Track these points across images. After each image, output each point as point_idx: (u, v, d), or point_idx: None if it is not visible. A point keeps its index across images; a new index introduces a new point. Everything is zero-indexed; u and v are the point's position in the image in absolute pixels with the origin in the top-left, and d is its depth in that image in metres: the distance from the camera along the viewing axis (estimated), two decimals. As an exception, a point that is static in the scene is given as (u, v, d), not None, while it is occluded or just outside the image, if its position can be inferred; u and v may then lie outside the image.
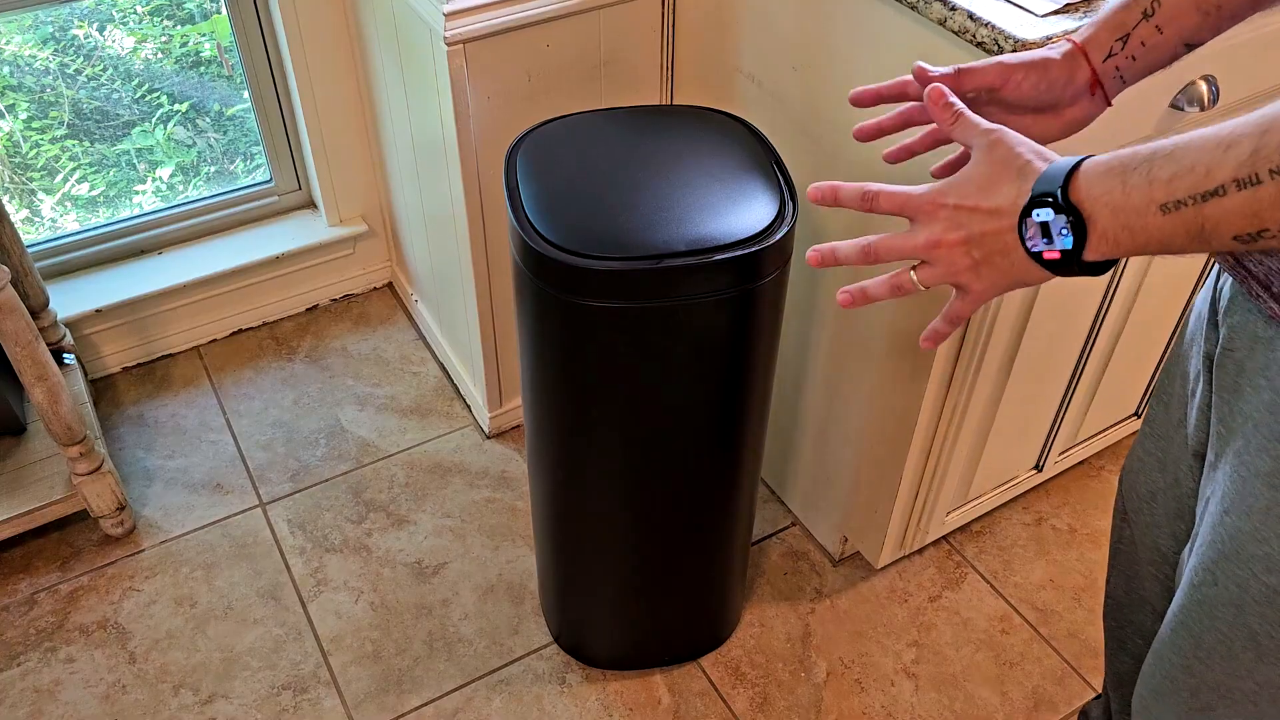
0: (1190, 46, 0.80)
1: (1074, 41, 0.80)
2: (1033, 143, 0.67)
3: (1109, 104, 0.83)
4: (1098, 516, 1.70)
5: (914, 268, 0.71)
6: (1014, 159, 0.65)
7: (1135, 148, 0.59)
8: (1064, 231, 0.61)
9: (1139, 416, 1.68)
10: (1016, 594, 1.59)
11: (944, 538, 1.66)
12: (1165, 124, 1.16)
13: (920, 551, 1.64)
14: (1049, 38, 0.96)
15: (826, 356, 1.42)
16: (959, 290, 0.71)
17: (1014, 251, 0.65)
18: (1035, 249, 0.64)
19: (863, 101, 0.85)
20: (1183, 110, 1.15)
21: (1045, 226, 0.62)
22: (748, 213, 1.03)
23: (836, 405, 1.45)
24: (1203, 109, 1.14)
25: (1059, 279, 0.66)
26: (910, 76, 0.82)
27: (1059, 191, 0.61)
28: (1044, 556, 1.64)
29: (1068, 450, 1.61)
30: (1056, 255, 0.63)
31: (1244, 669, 0.81)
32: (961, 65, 0.80)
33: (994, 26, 0.97)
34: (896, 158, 0.88)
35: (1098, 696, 1.33)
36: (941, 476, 1.41)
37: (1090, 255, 0.62)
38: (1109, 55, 0.80)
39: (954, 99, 0.71)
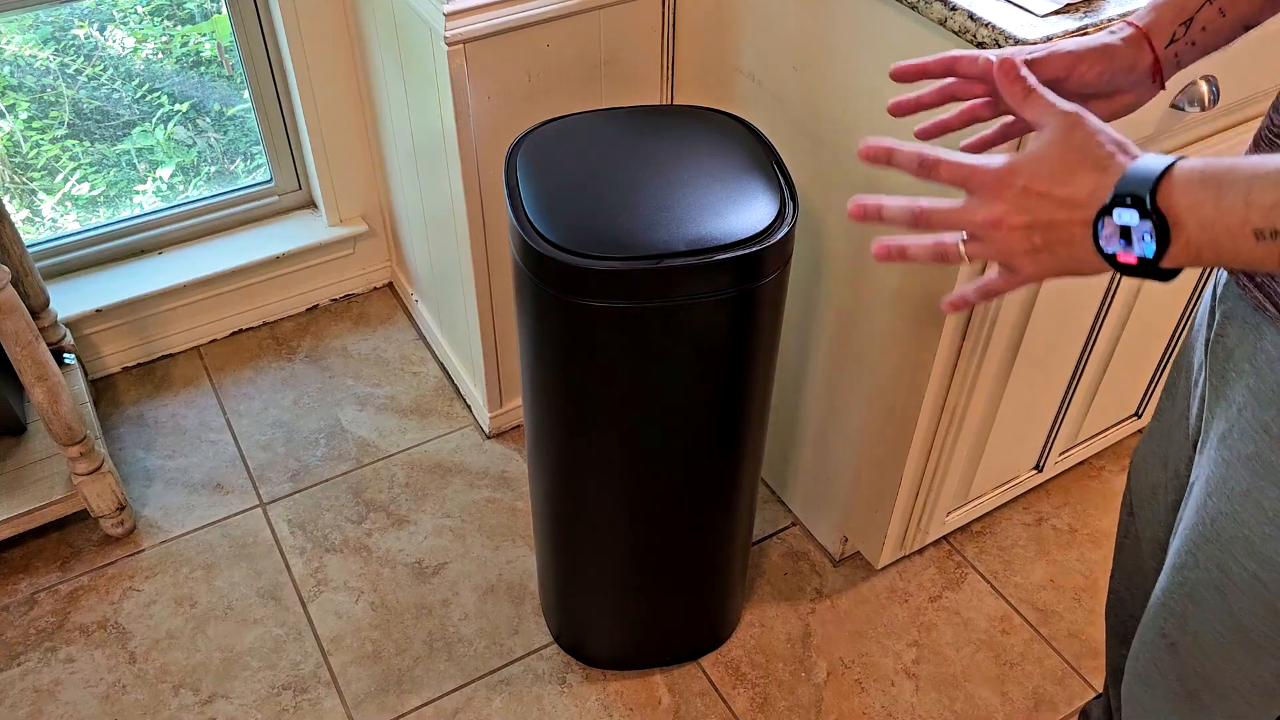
0: (1249, 28, 0.77)
1: (1136, 25, 0.77)
2: (1112, 131, 0.62)
3: (1163, 88, 0.79)
4: (1098, 517, 1.70)
5: (964, 239, 0.66)
6: (1094, 147, 0.61)
7: (1233, 161, 0.56)
8: (1147, 237, 0.57)
9: (1139, 417, 1.68)
10: (1017, 594, 1.59)
11: (944, 538, 1.66)
12: (1165, 124, 1.16)
13: (920, 552, 1.64)
14: (1049, 37, 0.96)
15: (826, 356, 1.42)
16: (1006, 269, 0.66)
17: (1080, 244, 0.61)
18: (1110, 250, 0.59)
19: (906, 76, 0.80)
20: (1183, 110, 1.15)
21: (1126, 230, 0.58)
22: (748, 213, 1.03)
23: (836, 405, 1.45)
24: (1203, 109, 1.14)
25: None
26: (955, 53, 0.78)
27: (1148, 196, 0.57)
28: (1044, 557, 1.64)
29: (1068, 450, 1.61)
30: (1133, 261, 0.59)
31: (1228, 654, 0.82)
32: (1027, 56, 0.76)
33: (994, 26, 0.97)
34: (930, 133, 0.83)
35: (1098, 696, 1.34)
36: (942, 476, 1.41)
37: (1168, 264, 0.58)
38: (1171, 41, 0.76)
39: (1026, 72, 0.66)
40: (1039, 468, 1.60)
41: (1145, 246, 0.58)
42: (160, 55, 1.82)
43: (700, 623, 1.46)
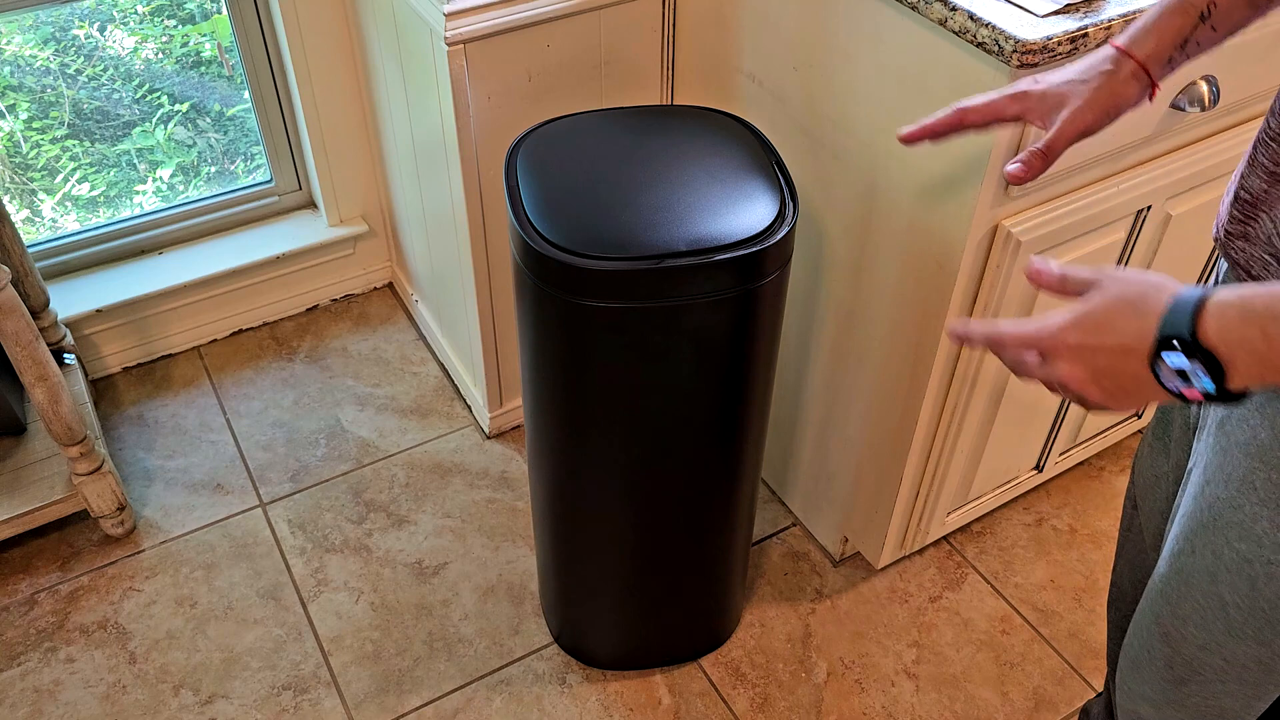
0: (1231, 35, 0.81)
1: (1135, 58, 0.80)
2: (1147, 274, 0.66)
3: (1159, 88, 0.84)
4: (1098, 517, 1.70)
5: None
6: (1129, 294, 0.65)
7: (1270, 291, 0.58)
8: (1200, 374, 0.60)
9: (1139, 417, 1.67)
10: (1017, 594, 1.59)
11: (944, 538, 1.66)
12: (1166, 124, 1.16)
13: (921, 552, 1.64)
14: (1049, 38, 0.96)
15: (827, 356, 1.42)
16: (1099, 406, 0.71)
17: (1147, 384, 0.64)
18: (1173, 388, 0.62)
19: (914, 140, 0.87)
20: (1184, 110, 1.15)
21: (1181, 372, 0.61)
22: (748, 213, 1.03)
23: (837, 405, 1.45)
24: (1203, 109, 1.14)
25: None
26: (962, 104, 0.84)
27: (1190, 336, 0.60)
28: (1044, 557, 1.64)
29: (1068, 451, 1.61)
30: (1199, 396, 0.62)
31: (1215, 642, 0.82)
32: (1049, 137, 0.81)
33: (994, 27, 0.97)
34: (939, 134, 0.89)
35: (1099, 694, 1.34)
36: (942, 477, 1.41)
37: (1235, 388, 0.60)
38: (1169, 63, 0.80)
39: (1047, 267, 0.71)
40: (1039, 468, 1.60)
41: (1203, 383, 0.60)
42: (160, 55, 1.82)
43: (700, 623, 1.46)
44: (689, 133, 1.15)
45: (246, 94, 1.84)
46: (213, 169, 1.95)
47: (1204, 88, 1.13)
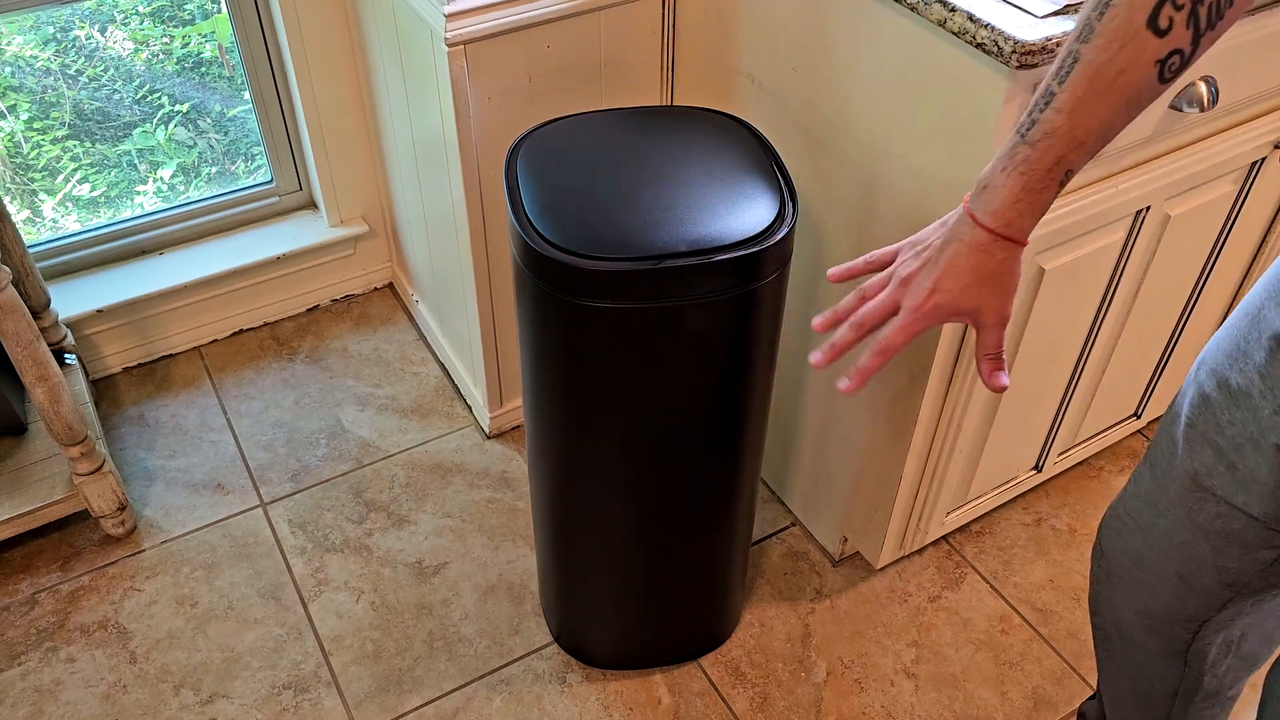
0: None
1: (1026, 242, 0.83)
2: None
3: None
4: (1097, 517, 1.70)
5: None
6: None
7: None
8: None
9: (1139, 417, 1.68)
10: (1016, 594, 1.59)
11: (944, 538, 1.66)
12: (1164, 125, 1.16)
13: (920, 552, 1.64)
14: (1049, 39, 0.96)
15: (826, 357, 1.42)
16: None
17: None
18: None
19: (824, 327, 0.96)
20: (1181, 111, 1.15)
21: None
22: (748, 213, 1.04)
23: (836, 405, 1.45)
24: (1202, 110, 1.15)
25: None
26: (876, 255, 0.95)
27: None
28: (1044, 557, 1.64)
29: (1067, 451, 1.62)
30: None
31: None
32: (993, 346, 0.89)
33: (993, 28, 0.97)
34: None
35: (1092, 697, 1.34)
36: (941, 477, 1.41)
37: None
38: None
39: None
40: (1038, 468, 1.60)
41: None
42: (161, 56, 1.82)
43: (700, 623, 1.46)
44: (689, 133, 1.15)
45: (247, 94, 1.85)
46: (213, 169, 1.95)
47: (1203, 88, 1.13)
